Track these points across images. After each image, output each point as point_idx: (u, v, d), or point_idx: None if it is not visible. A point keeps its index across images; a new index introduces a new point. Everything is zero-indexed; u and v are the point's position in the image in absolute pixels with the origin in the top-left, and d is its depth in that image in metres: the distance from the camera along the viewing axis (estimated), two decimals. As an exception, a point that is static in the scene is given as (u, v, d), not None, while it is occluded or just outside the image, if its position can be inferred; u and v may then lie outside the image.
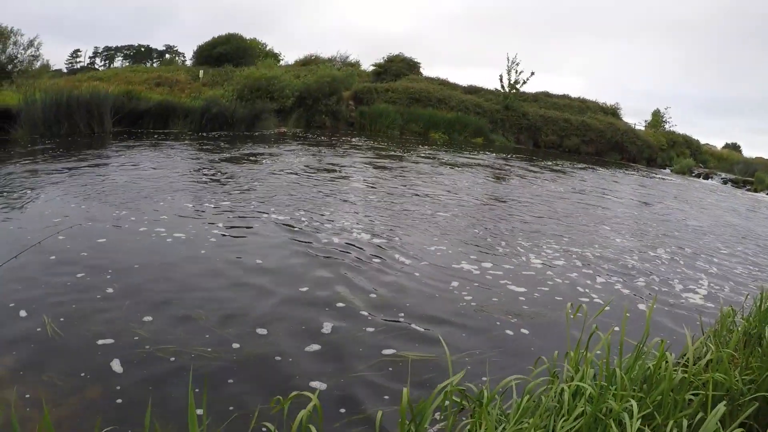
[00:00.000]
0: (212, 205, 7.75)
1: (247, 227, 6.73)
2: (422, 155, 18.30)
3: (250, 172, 11.02)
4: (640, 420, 1.94)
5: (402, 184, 11.39)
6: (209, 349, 3.60)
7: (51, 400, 2.93)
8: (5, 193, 7.64)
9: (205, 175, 10.31)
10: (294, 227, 6.88)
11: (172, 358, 3.46)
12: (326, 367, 3.53)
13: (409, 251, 6.32)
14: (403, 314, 4.49)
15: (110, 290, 4.43)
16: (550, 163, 22.04)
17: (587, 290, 5.69)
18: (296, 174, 11.28)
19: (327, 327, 4.11)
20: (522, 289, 5.43)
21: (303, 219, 7.31)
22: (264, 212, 7.52)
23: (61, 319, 3.84)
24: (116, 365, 3.32)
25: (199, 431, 1.83)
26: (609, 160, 31.54)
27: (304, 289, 4.86)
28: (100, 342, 3.58)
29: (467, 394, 2.40)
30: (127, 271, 4.93)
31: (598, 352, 2.56)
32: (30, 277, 4.56)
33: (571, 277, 6.05)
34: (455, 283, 5.37)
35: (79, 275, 4.70)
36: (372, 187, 10.49)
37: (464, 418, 2.56)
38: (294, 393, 2.29)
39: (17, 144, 13.38)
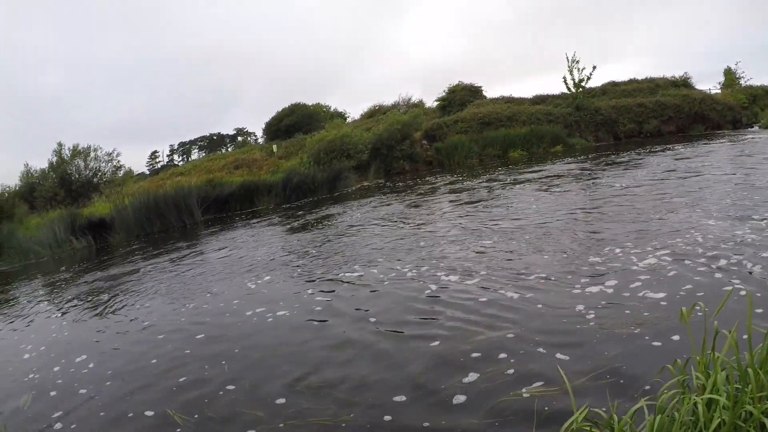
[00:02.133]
0: (304, 274, 7.84)
1: (347, 291, 6.69)
2: (495, 179, 17.95)
3: (333, 234, 11.18)
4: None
5: (477, 216, 11.08)
6: (362, 421, 3.51)
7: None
8: (102, 299, 8.19)
9: (291, 245, 10.58)
10: (390, 281, 6.84)
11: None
12: (475, 418, 3.36)
13: (513, 284, 5.98)
14: (541, 348, 4.20)
15: (231, 386, 4.34)
16: (624, 154, 20.94)
17: (724, 277, 5.16)
18: (375, 226, 11.38)
19: (467, 377, 3.90)
20: (658, 295, 4.94)
21: (395, 272, 7.22)
22: (356, 271, 7.54)
23: (196, 415, 3.89)
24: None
25: None
26: (693, 133, 29.98)
27: (435, 343, 4.61)
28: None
29: (597, 422, 2.33)
30: (237, 357, 4.92)
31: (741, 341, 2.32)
32: (145, 381, 4.68)
33: (694, 272, 5.47)
34: (580, 307, 4.95)
35: (192, 372, 4.74)
36: (449, 227, 10.21)
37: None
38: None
39: (114, 249, 14.47)
